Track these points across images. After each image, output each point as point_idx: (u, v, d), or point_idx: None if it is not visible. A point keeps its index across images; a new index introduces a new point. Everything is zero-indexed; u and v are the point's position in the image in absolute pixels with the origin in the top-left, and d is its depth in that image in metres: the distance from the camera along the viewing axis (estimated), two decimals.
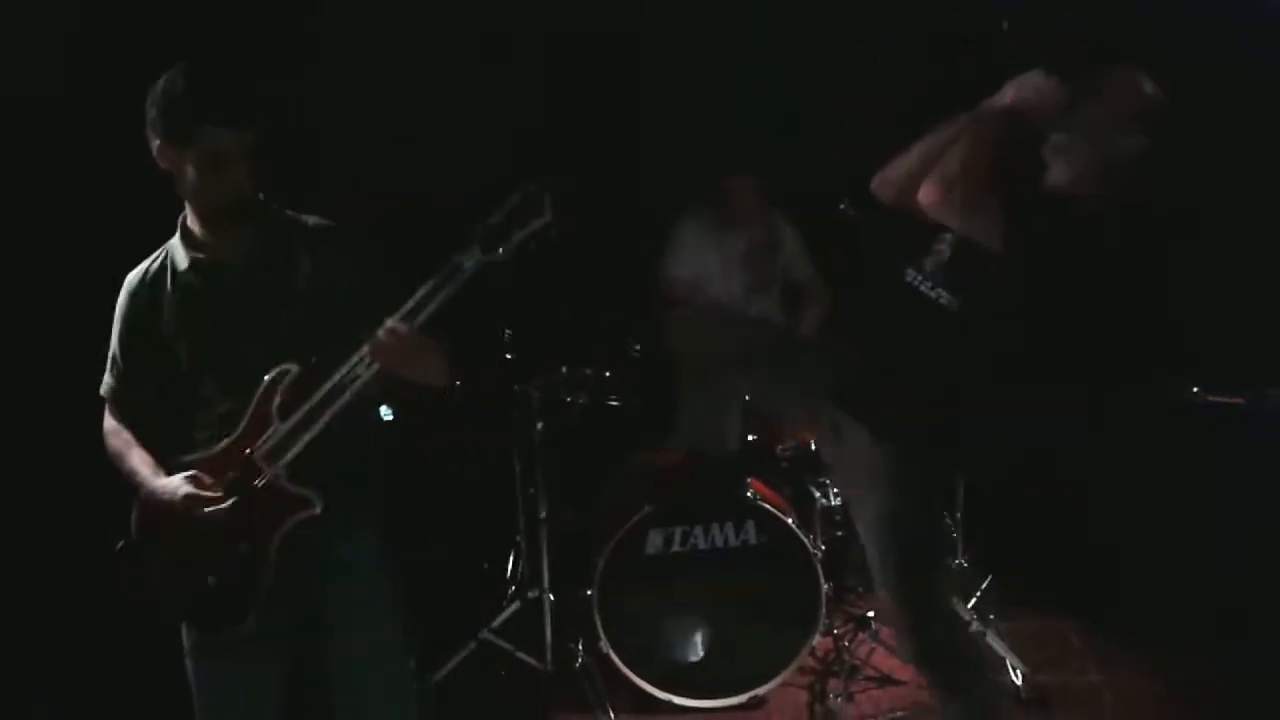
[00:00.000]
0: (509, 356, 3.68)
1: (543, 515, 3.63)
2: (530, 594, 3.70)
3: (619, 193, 4.63)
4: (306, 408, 2.13)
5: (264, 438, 2.15)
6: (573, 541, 3.75)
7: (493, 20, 4.46)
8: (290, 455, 2.14)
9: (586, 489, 3.88)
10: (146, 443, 2.30)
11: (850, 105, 4.27)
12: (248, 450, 2.15)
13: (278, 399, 2.15)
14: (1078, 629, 3.88)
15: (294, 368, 2.16)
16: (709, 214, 4.22)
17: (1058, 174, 2.46)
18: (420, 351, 2.12)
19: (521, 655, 3.62)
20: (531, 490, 3.73)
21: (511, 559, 4.09)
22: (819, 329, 4.19)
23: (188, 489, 2.16)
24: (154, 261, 2.32)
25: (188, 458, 2.22)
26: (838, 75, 4.36)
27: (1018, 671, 3.53)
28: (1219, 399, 3.36)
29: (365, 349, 2.09)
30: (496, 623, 3.67)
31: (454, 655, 3.61)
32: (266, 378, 2.16)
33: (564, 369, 3.77)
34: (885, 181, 2.65)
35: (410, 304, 2.09)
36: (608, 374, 3.84)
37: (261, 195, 2.26)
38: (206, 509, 2.14)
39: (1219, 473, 3.67)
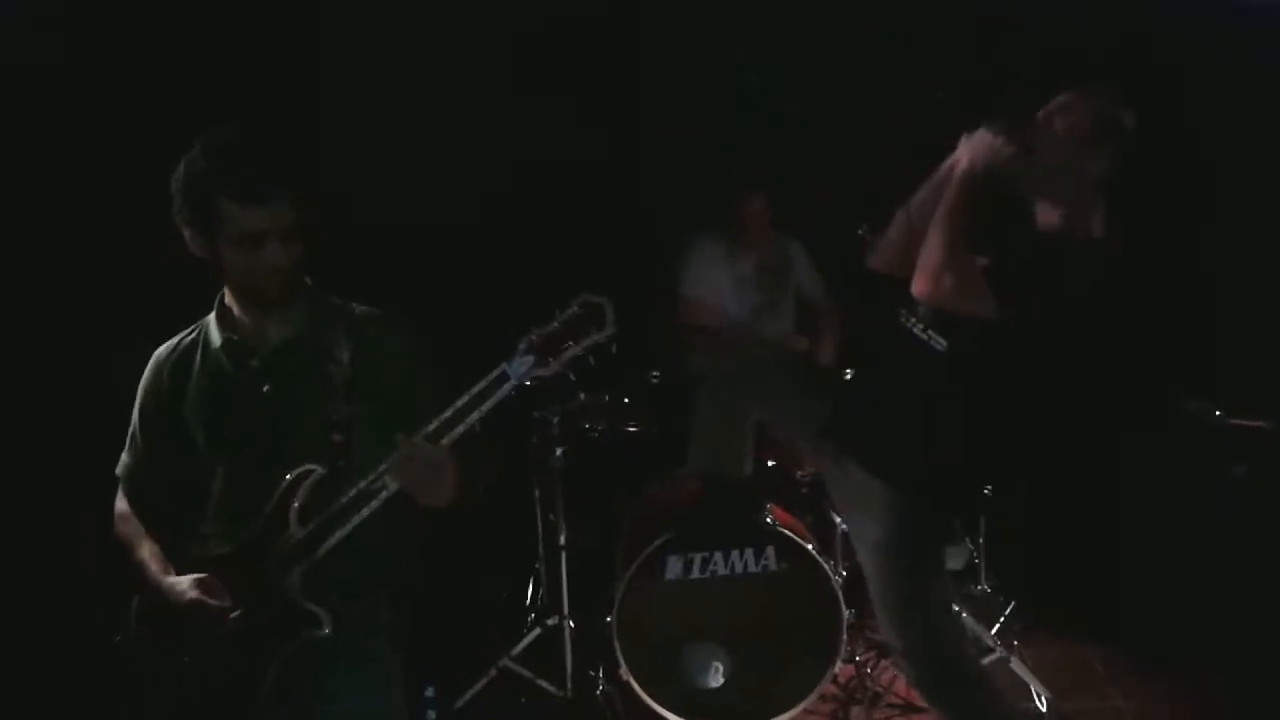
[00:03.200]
0: None
1: (562, 542, 3.63)
2: (550, 621, 3.69)
3: (633, 216, 4.67)
4: (326, 515, 1.97)
5: (279, 543, 1.99)
6: (592, 568, 3.75)
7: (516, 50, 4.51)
8: (305, 565, 1.98)
9: (606, 515, 3.87)
10: (158, 531, 2.16)
11: (874, 125, 4.30)
12: (260, 555, 1.99)
13: (298, 501, 1.98)
14: (1101, 655, 3.85)
15: (318, 469, 2.00)
16: (719, 235, 4.24)
17: (1044, 218, 2.50)
18: (438, 476, 1.93)
19: (542, 682, 3.61)
20: (551, 517, 3.73)
21: (531, 586, 4.08)
22: (834, 349, 4.21)
23: (194, 594, 1.99)
24: (186, 337, 2.19)
25: (198, 554, 2.07)
26: (859, 95, 4.39)
27: (1042, 698, 3.51)
28: (1242, 422, 3.33)
29: (397, 455, 1.92)
30: (516, 650, 3.66)
31: (474, 683, 3.60)
32: (289, 476, 1.99)
33: (583, 396, 3.77)
34: (880, 259, 2.76)
35: (448, 414, 1.93)
36: (626, 401, 3.85)
37: (308, 280, 2.11)
38: (211, 618, 1.98)
39: (1243, 496, 3.64)
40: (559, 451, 3.64)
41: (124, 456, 2.24)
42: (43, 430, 3.42)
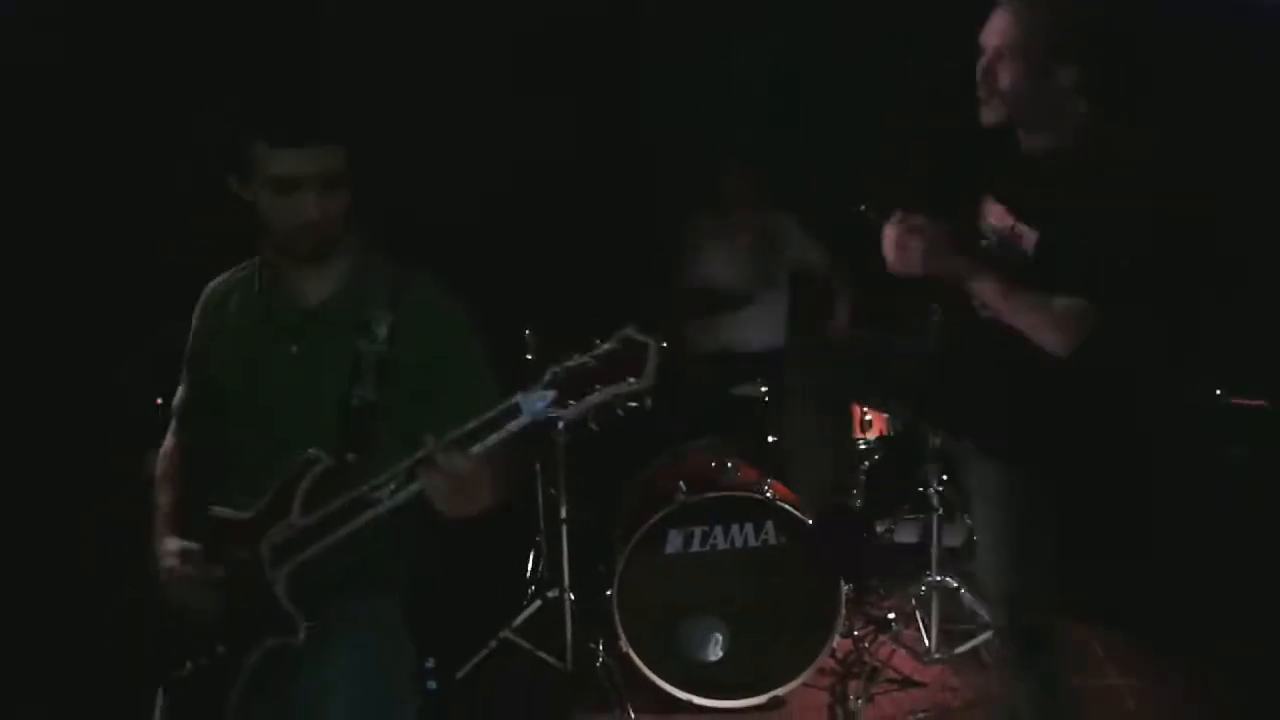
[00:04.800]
0: (529, 357, 3.63)
1: (563, 515, 3.64)
2: (550, 594, 3.70)
3: (633, 195, 4.70)
4: (328, 510, 1.84)
5: (277, 528, 1.87)
6: (593, 541, 3.77)
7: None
8: (296, 561, 1.86)
9: (607, 489, 3.89)
10: (191, 477, 2.09)
11: (874, 125, 4.35)
12: (257, 538, 1.88)
13: (303, 487, 1.86)
14: (1098, 632, 3.86)
15: (325, 459, 1.87)
16: (712, 213, 4.29)
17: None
18: (461, 487, 1.77)
19: (542, 655, 3.63)
20: (552, 490, 3.74)
21: (532, 559, 4.11)
22: (847, 314, 4.23)
23: (172, 563, 1.92)
24: (239, 272, 2.13)
25: (214, 512, 1.97)
26: (854, 75, 4.43)
27: None
28: (1242, 401, 3.36)
29: (409, 463, 1.77)
30: (517, 622, 3.68)
31: (474, 654, 3.61)
32: (308, 452, 1.87)
33: None
34: None
35: (458, 433, 1.75)
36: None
37: (354, 238, 2.02)
38: (188, 593, 1.91)
39: (1242, 475, 3.66)
40: (561, 425, 3.64)
41: (179, 389, 2.20)
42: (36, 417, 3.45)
